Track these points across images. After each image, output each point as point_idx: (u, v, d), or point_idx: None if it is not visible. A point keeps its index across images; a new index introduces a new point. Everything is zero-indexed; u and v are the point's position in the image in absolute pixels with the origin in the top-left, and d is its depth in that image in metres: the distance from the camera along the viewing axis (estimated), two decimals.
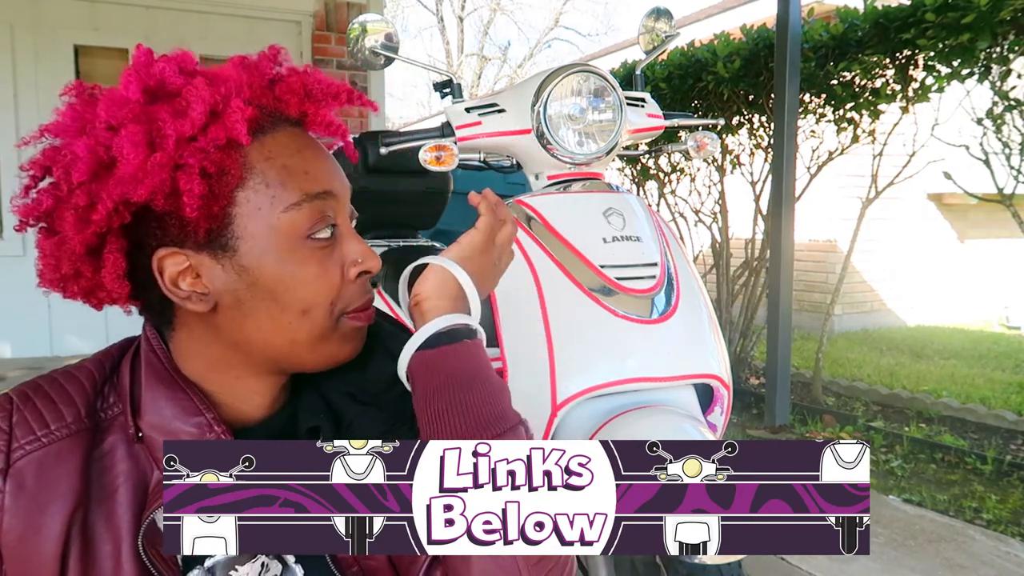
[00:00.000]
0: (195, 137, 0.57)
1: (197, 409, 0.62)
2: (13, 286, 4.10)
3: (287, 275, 0.61)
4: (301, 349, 0.63)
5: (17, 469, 0.58)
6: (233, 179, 0.59)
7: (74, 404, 0.61)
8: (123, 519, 0.59)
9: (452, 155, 1.30)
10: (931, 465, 2.98)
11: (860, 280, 6.22)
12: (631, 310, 1.15)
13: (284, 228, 0.60)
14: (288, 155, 0.61)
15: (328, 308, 0.63)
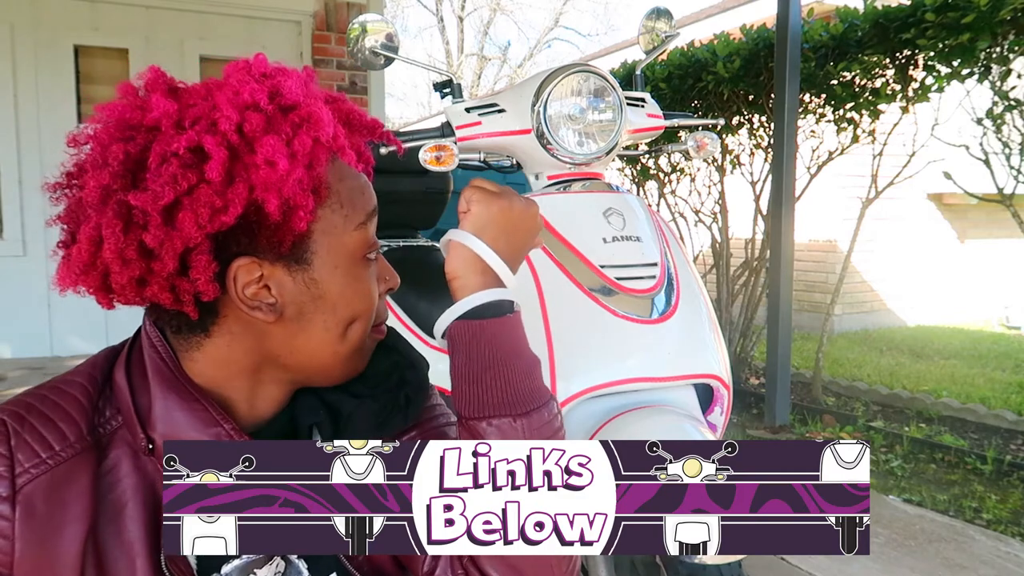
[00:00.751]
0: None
1: (214, 419, 0.60)
2: (13, 286, 4.10)
3: (349, 290, 0.64)
4: (339, 361, 0.66)
5: (25, 495, 0.55)
6: (322, 196, 0.61)
7: (74, 421, 0.59)
8: (135, 534, 0.58)
9: (452, 155, 1.30)
10: (931, 465, 2.98)
11: (860, 280, 6.22)
12: (631, 310, 1.15)
13: (351, 245, 0.64)
14: (352, 177, 0.65)
15: (365, 323, 0.66)
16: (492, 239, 0.70)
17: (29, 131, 4.10)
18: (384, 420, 0.68)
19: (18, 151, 4.08)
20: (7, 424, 0.57)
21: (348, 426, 0.67)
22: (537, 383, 0.66)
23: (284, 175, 0.56)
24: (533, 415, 0.63)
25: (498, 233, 0.71)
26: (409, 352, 0.74)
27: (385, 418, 0.69)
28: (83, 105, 4.22)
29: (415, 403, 0.71)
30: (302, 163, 0.58)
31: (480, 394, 0.63)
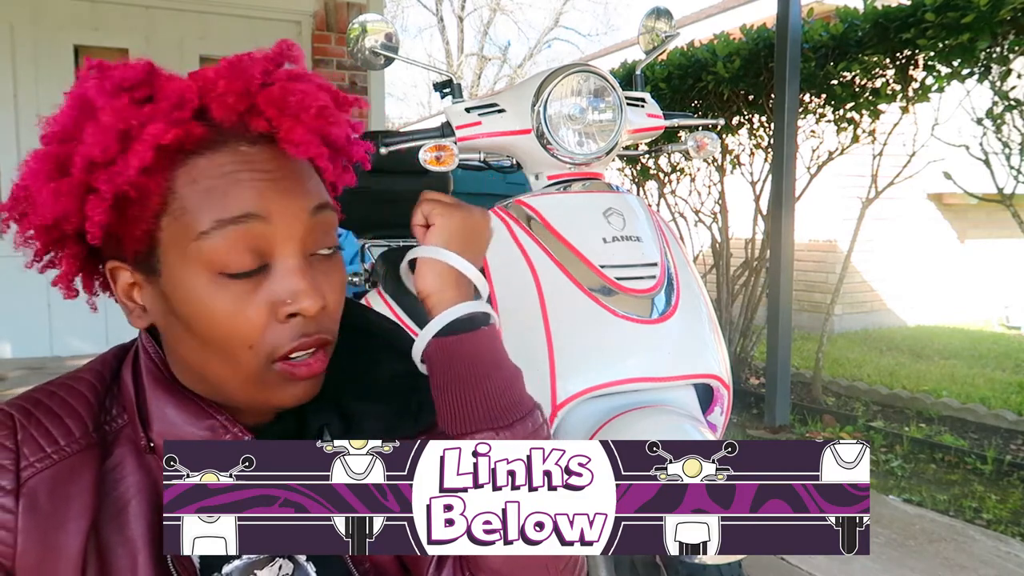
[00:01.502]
0: (113, 161, 0.54)
1: (207, 412, 0.61)
2: (13, 286, 4.10)
3: (199, 311, 0.55)
4: (227, 387, 0.59)
5: (29, 488, 0.55)
6: (153, 204, 0.55)
7: (80, 417, 0.59)
8: (137, 532, 0.58)
9: (452, 155, 1.30)
10: (931, 465, 2.98)
11: (860, 280, 6.22)
12: (631, 310, 1.15)
13: (195, 258, 0.55)
14: (215, 177, 0.55)
15: (248, 353, 0.56)
16: (460, 250, 0.67)
17: (29, 131, 4.10)
18: (394, 426, 0.67)
19: (18, 151, 4.08)
20: (14, 418, 0.57)
21: (357, 430, 0.67)
22: (519, 394, 0.64)
23: (49, 190, 0.56)
24: (516, 426, 0.62)
25: (464, 244, 0.68)
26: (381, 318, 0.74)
27: (395, 424, 0.67)
28: None
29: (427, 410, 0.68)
30: (73, 175, 0.55)
31: (461, 410, 0.61)
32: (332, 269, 0.61)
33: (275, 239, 0.56)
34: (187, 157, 0.55)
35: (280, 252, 0.57)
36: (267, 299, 0.56)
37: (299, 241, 0.57)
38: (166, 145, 0.54)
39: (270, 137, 0.57)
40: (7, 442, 0.56)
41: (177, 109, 0.55)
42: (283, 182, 0.57)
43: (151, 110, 0.55)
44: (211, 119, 0.56)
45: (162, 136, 0.53)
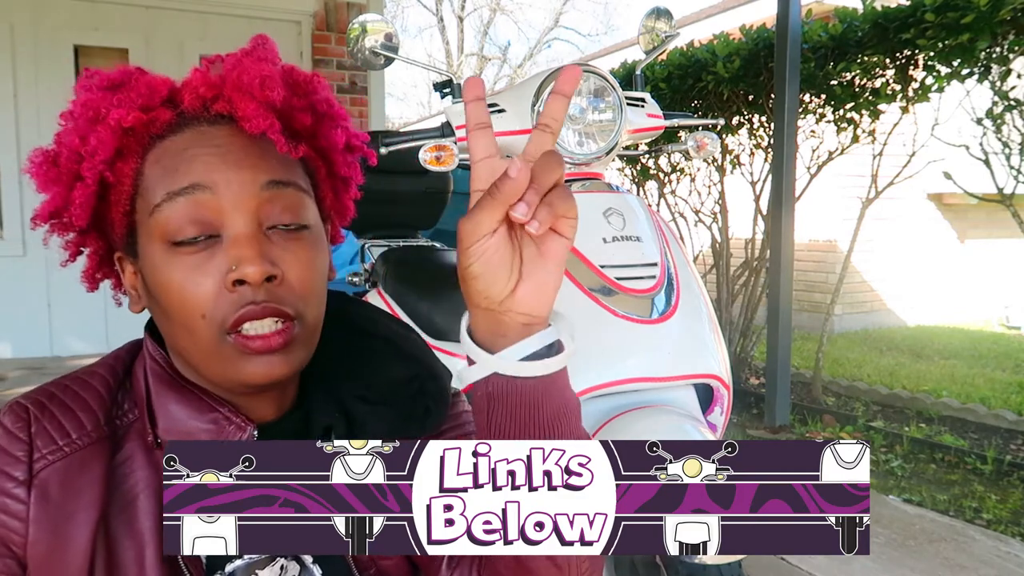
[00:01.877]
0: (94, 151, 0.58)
1: (209, 406, 0.62)
2: (13, 286, 4.10)
3: (160, 284, 0.58)
4: (195, 362, 0.60)
5: (41, 480, 0.57)
6: (126, 187, 0.59)
7: (92, 411, 0.60)
8: (145, 526, 0.59)
9: (452, 155, 1.30)
10: (931, 465, 2.98)
11: (860, 280, 6.22)
12: (631, 310, 1.15)
13: (154, 232, 0.58)
14: (173, 155, 0.58)
15: (201, 321, 0.57)
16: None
17: (29, 131, 4.10)
18: (399, 429, 0.66)
19: (18, 151, 4.08)
20: (29, 411, 0.59)
21: (361, 432, 0.66)
22: (583, 437, 0.58)
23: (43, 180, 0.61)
24: None
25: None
26: (431, 362, 0.71)
27: (400, 427, 0.67)
28: None
29: (434, 414, 0.68)
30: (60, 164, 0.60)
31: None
32: (296, 246, 0.60)
33: (222, 209, 0.57)
34: (155, 141, 0.59)
35: (229, 222, 0.57)
36: (216, 267, 0.57)
37: (248, 212, 0.58)
38: (132, 128, 0.58)
39: (230, 118, 0.60)
40: (21, 434, 0.57)
41: (144, 97, 0.59)
42: (233, 155, 0.58)
43: (119, 99, 0.59)
44: (180, 106, 0.60)
45: (125, 119, 0.57)
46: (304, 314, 0.60)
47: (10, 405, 0.59)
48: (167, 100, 0.60)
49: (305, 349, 0.61)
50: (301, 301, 0.60)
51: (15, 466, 0.57)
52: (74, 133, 0.59)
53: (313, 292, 0.61)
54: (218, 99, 0.59)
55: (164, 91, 0.60)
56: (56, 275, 4.14)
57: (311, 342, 0.62)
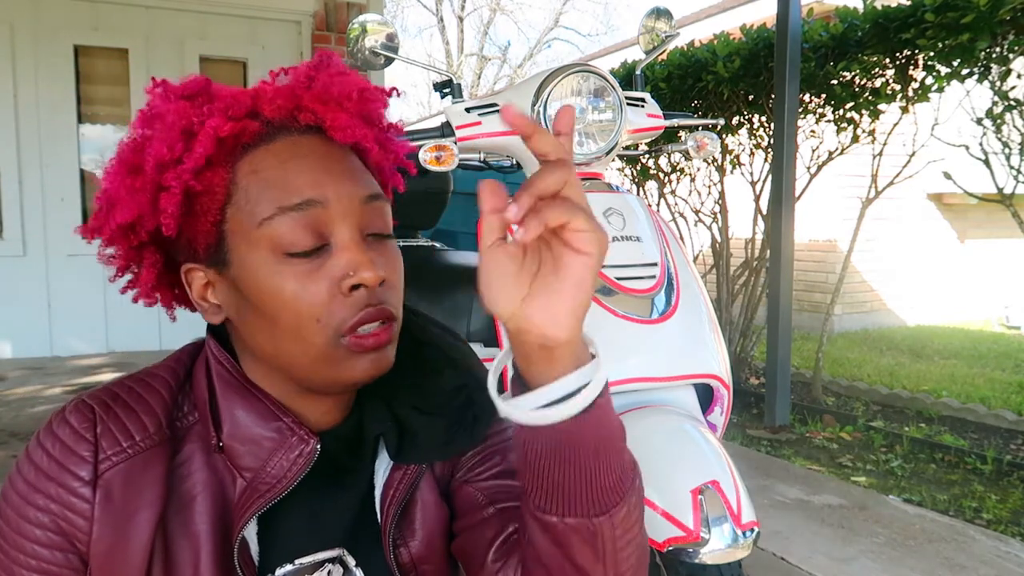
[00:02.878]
0: (180, 160, 0.59)
1: (274, 415, 0.62)
2: (13, 286, 4.09)
3: (267, 292, 0.58)
4: (300, 366, 0.60)
5: (105, 480, 0.58)
6: (218, 196, 0.59)
7: (155, 414, 0.61)
8: (201, 528, 0.60)
9: (452, 155, 1.30)
10: (931, 465, 2.98)
11: (860, 280, 6.22)
12: (631, 310, 1.15)
13: (261, 243, 0.58)
14: (273, 167, 0.59)
15: (315, 326, 0.58)
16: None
17: (29, 131, 4.10)
18: (450, 438, 0.68)
19: (18, 151, 4.08)
20: (95, 412, 0.60)
21: (414, 442, 0.67)
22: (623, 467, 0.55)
23: (121, 191, 0.61)
24: (615, 511, 0.55)
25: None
26: (478, 370, 0.72)
27: (451, 436, 0.68)
28: (83, 105, 4.22)
29: (482, 423, 0.69)
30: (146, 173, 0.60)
31: (557, 493, 0.54)
32: (389, 252, 0.63)
33: (332, 221, 0.59)
34: (245, 151, 0.60)
35: (338, 232, 0.59)
36: (330, 274, 0.58)
37: (354, 222, 0.60)
38: (225, 138, 0.59)
39: (318, 128, 0.62)
40: (87, 435, 0.59)
41: (232, 108, 0.60)
42: (336, 168, 0.61)
43: (209, 109, 0.60)
44: (263, 117, 0.61)
45: (221, 128, 0.58)
46: (399, 314, 0.63)
47: (76, 404, 0.60)
48: (251, 110, 0.61)
49: (395, 349, 0.63)
50: (398, 300, 0.63)
51: (81, 466, 0.58)
52: (162, 143, 0.59)
53: (402, 292, 0.64)
54: (302, 110, 0.61)
55: (248, 101, 0.61)
56: (56, 275, 4.14)
57: (396, 343, 0.64)
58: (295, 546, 0.65)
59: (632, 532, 0.57)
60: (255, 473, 0.61)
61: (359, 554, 0.68)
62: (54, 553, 0.58)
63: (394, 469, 0.68)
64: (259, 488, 0.61)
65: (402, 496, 0.67)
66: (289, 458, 0.61)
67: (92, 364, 3.98)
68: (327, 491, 0.66)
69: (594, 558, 0.56)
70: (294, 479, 0.61)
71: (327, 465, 0.65)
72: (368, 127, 0.64)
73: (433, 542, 0.69)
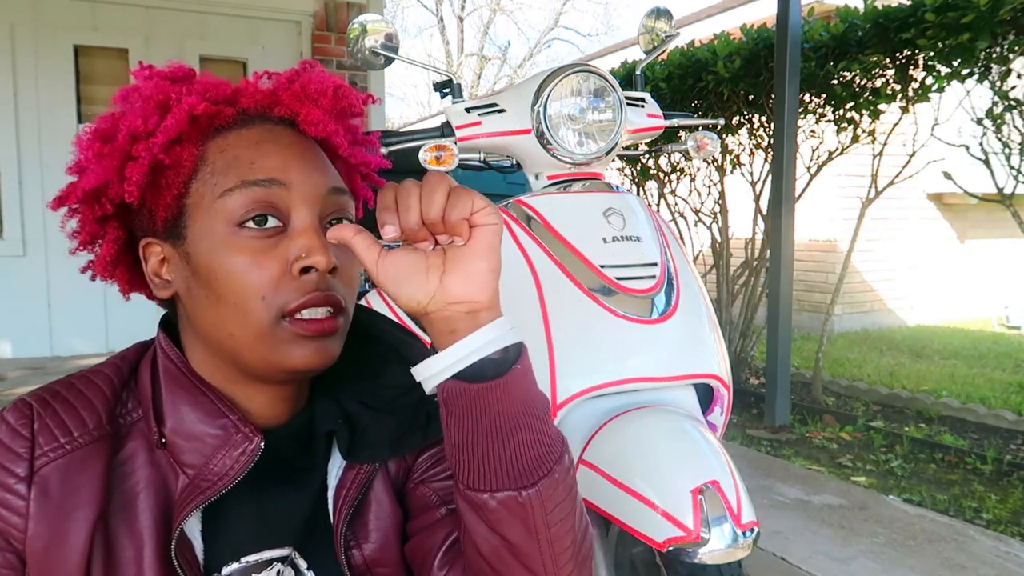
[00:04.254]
0: (152, 133, 0.60)
1: (220, 411, 0.62)
2: (13, 286, 4.09)
3: (217, 263, 0.59)
4: (240, 347, 0.60)
5: (41, 476, 0.57)
6: (185, 170, 0.61)
7: (95, 410, 0.61)
8: (145, 525, 0.59)
9: (452, 155, 1.30)
10: (931, 465, 2.98)
11: (860, 280, 6.22)
12: (631, 310, 1.15)
13: (218, 214, 0.59)
14: (244, 146, 0.61)
15: (260, 303, 0.58)
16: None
17: (29, 131, 4.10)
18: (400, 436, 0.67)
19: (18, 151, 4.08)
20: (33, 408, 0.59)
21: (363, 439, 0.67)
22: (549, 440, 0.57)
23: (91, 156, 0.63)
24: (542, 483, 0.56)
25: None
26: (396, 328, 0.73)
27: (402, 435, 0.67)
28: (83, 105, 4.22)
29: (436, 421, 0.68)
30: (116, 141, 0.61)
31: (482, 466, 0.55)
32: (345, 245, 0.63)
33: (293, 203, 0.60)
34: (218, 132, 0.62)
35: (296, 215, 0.60)
36: (283, 255, 0.59)
37: (315, 209, 0.61)
38: (199, 116, 0.61)
39: (291, 121, 0.64)
40: (24, 431, 0.58)
41: (210, 92, 0.63)
42: (305, 156, 0.63)
43: (188, 88, 0.63)
44: (240, 106, 0.64)
45: (196, 107, 0.60)
46: (348, 308, 0.63)
47: (15, 403, 0.60)
48: (229, 98, 0.64)
49: (341, 343, 0.63)
50: (349, 294, 0.63)
51: (17, 462, 0.57)
52: (137, 115, 0.61)
53: (355, 289, 0.65)
54: (277, 105, 0.64)
55: (226, 90, 0.64)
56: (56, 275, 4.14)
57: (343, 338, 0.64)
58: (241, 544, 0.64)
59: (565, 509, 0.58)
60: (197, 470, 0.61)
61: (312, 556, 0.67)
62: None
63: (347, 469, 0.67)
64: (200, 485, 0.60)
65: (355, 496, 0.66)
66: (232, 455, 0.61)
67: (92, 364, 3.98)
68: (278, 490, 0.66)
69: (527, 534, 0.56)
70: (236, 476, 0.60)
71: (278, 464, 0.64)
72: (338, 123, 0.66)
73: (387, 544, 0.69)
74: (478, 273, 0.54)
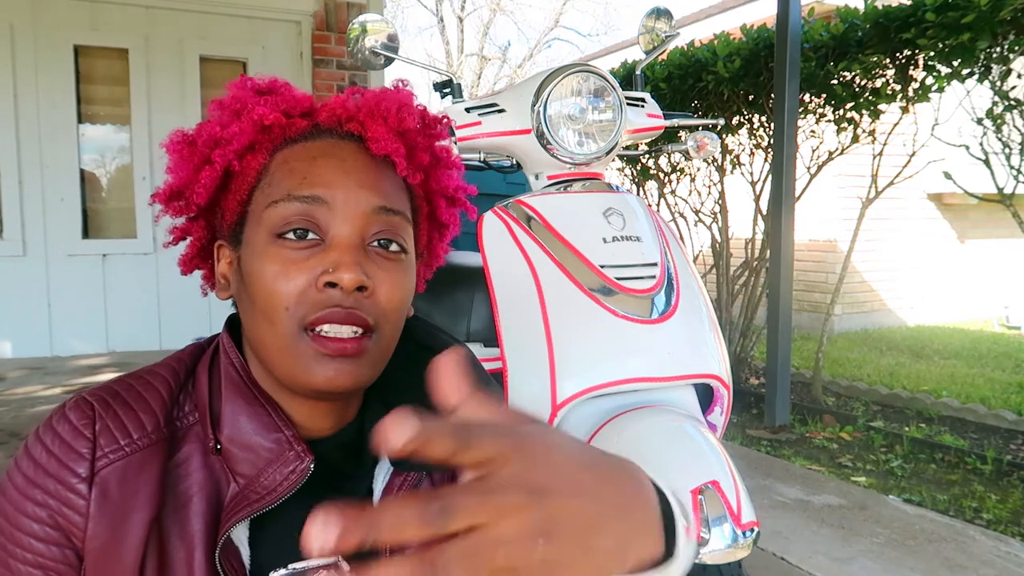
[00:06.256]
0: (228, 139, 0.63)
1: (276, 425, 0.62)
2: (13, 286, 4.09)
3: (254, 270, 0.61)
4: (271, 356, 0.61)
5: (102, 478, 0.58)
6: (250, 178, 0.63)
7: (153, 413, 0.61)
8: (196, 528, 0.60)
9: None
10: (931, 465, 2.98)
11: (860, 280, 6.22)
12: (631, 310, 1.15)
13: (264, 223, 0.61)
14: (302, 160, 0.62)
15: (284, 313, 0.59)
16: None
17: (29, 131, 4.10)
18: None
19: (18, 151, 4.08)
20: (95, 408, 0.60)
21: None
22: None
23: (177, 159, 0.66)
24: None
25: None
26: (484, 380, 0.72)
27: None
28: (83, 105, 4.22)
29: None
30: (197, 146, 0.64)
31: None
32: (392, 266, 0.62)
33: (334, 219, 0.60)
34: (287, 144, 0.64)
35: (335, 230, 0.60)
36: (313, 267, 0.59)
37: (355, 225, 0.61)
38: (269, 126, 0.63)
39: (360, 137, 0.65)
40: (86, 432, 0.59)
41: (287, 104, 0.65)
42: (355, 173, 0.62)
43: (266, 100, 0.64)
44: (314, 120, 0.65)
45: (266, 117, 0.63)
46: (382, 330, 0.61)
47: (76, 401, 0.61)
48: (307, 112, 0.65)
49: (373, 367, 0.62)
50: (383, 317, 0.61)
51: (79, 462, 0.58)
52: (216, 122, 0.64)
53: (396, 312, 0.62)
54: (351, 120, 0.64)
55: (306, 104, 0.66)
56: (56, 275, 4.14)
57: (381, 361, 0.63)
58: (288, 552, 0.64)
59: None
60: (248, 481, 0.61)
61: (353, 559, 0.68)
62: (50, 548, 0.58)
63: (394, 475, 0.67)
64: (249, 496, 0.61)
65: None
66: (283, 472, 0.61)
67: (92, 364, 3.98)
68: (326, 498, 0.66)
69: None
70: (284, 493, 0.61)
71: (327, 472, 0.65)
72: (400, 142, 0.65)
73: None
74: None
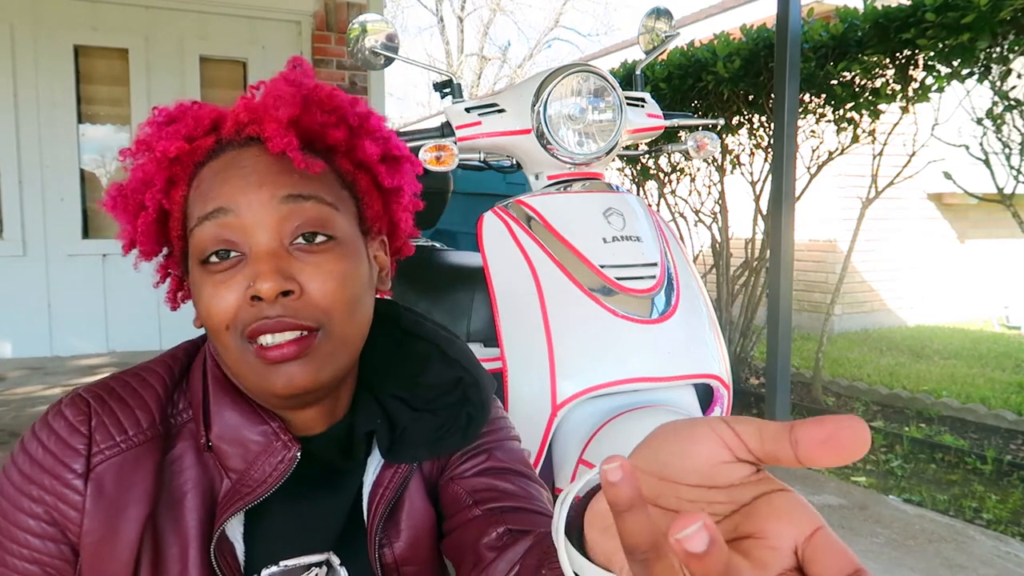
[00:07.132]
0: (151, 181, 0.62)
1: (262, 419, 0.63)
2: (13, 286, 4.09)
3: (196, 296, 0.62)
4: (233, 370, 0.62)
5: (97, 474, 0.59)
6: (177, 212, 0.62)
7: (149, 410, 0.62)
8: (190, 524, 0.61)
9: (452, 155, 1.30)
10: (931, 465, 2.98)
11: (860, 280, 6.22)
12: (631, 310, 1.15)
13: (192, 252, 0.61)
14: (208, 179, 0.61)
15: (226, 333, 0.59)
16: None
17: (29, 131, 4.10)
18: (441, 437, 0.68)
19: (18, 151, 4.08)
20: (91, 405, 0.61)
21: (403, 439, 0.67)
22: None
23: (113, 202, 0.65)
24: None
25: None
26: (475, 369, 0.71)
27: (442, 435, 0.68)
28: (83, 105, 4.22)
29: (476, 423, 0.69)
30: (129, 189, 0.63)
31: None
32: (321, 259, 0.60)
33: (245, 228, 0.59)
34: (199, 169, 0.62)
35: (251, 240, 0.59)
36: (240, 283, 0.59)
37: (269, 229, 0.59)
38: (176, 157, 0.61)
39: (259, 140, 0.61)
40: (82, 428, 0.60)
41: (189, 128, 0.62)
42: (255, 175, 0.60)
43: (167, 131, 0.63)
44: (219, 133, 0.63)
45: (168, 150, 0.61)
46: (329, 326, 0.59)
47: (72, 397, 0.61)
48: (210, 129, 0.63)
49: (333, 361, 0.60)
50: (324, 314, 0.59)
51: (75, 458, 0.59)
52: (139, 166, 0.63)
53: (340, 303, 0.60)
54: (251, 123, 0.62)
55: (207, 121, 0.63)
56: (56, 275, 4.14)
57: (342, 354, 0.61)
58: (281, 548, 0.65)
59: None
60: (240, 475, 0.62)
61: (344, 553, 0.68)
62: (47, 544, 0.59)
63: (384, 468, 0.68)
64: (241, 490, 0.61)
65: (391, 496, 0.67)
66: (271, 463, 0.62)
67: (92, 364, 3.98)
68: (318, 493, 0.67)
69: None
70: (274, 484, 0.61)
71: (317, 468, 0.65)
72: (294, 133, 0.60)
73: (417, 543, 0.69)
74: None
